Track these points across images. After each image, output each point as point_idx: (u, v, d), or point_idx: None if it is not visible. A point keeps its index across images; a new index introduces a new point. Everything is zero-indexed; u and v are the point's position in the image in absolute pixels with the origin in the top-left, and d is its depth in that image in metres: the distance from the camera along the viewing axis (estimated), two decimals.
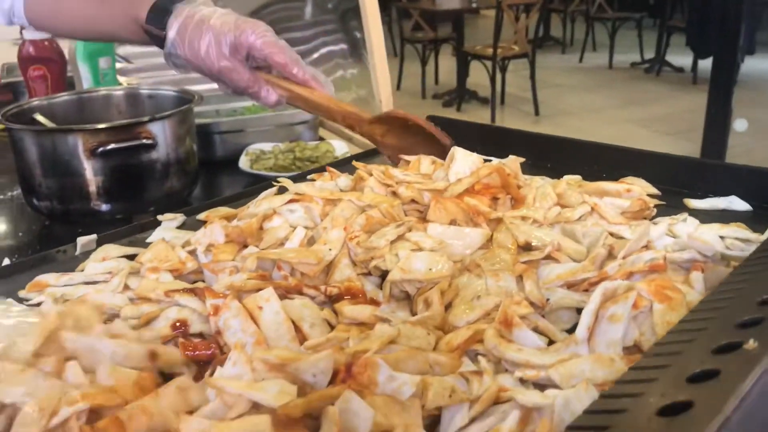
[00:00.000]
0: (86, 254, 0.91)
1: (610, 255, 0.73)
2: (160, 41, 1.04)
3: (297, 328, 0.62)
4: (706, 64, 6.77)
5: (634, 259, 0.69)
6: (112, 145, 1.19)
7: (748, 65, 5.33)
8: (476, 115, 6.45)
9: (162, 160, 1.26)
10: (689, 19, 8.05)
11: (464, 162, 0.91)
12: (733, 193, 0.96)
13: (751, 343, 0.43)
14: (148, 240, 0.94)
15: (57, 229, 1.29)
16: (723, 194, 0.97)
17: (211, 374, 0.58)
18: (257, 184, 1.13)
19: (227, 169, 1.54)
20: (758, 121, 4.74)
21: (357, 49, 1.97)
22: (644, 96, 6.94)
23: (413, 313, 0.69)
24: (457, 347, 0.61)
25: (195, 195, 1.40)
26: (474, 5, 7.42)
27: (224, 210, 0.98)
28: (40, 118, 1.36)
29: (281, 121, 1.68)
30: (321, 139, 1.76)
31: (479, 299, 0.66)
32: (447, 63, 7.72)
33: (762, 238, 0.78)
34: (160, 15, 1.03)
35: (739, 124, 4.24)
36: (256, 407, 0.51)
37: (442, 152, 1.01)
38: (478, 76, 6.79)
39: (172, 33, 1.02)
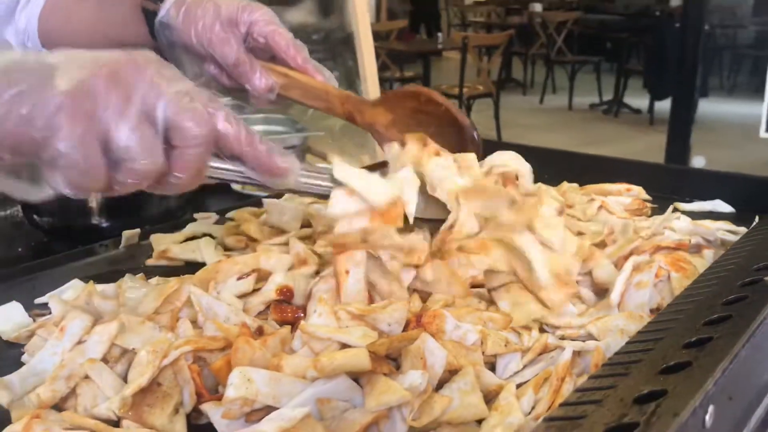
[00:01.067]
0: (130, 248, 0.98)
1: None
2: (154, 19, 0.96)
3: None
4: (662, 105, 7.07)
5: (659, 239, 0.79)
6: None
7: (703, 107, 5.58)
8: None
9: None
10: (646, 63, 8.40)
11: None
12: (718, 197, 1.07)
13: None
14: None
15: (56, 245, 1.27)
16: (708, 198, 1.08)
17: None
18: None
19: (216, 191, 1.49)
20: (714, 160, 4.96)
21: (349, 77, 2.06)
22: (603, 136, 7.17)
23: None
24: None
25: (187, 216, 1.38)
26: (439, 47, 7.64)
27: (250, 210, 1.05)
28: None
29: None
30: (307, 163, 1.83)
31: None
32: None
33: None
34: None
35: (696, 161, 4.44)
36: None
37: (459, 142, 0.93)
38: None
39: (168, 3, 0.95)
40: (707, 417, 0.38)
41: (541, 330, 0.68)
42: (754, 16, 8.82)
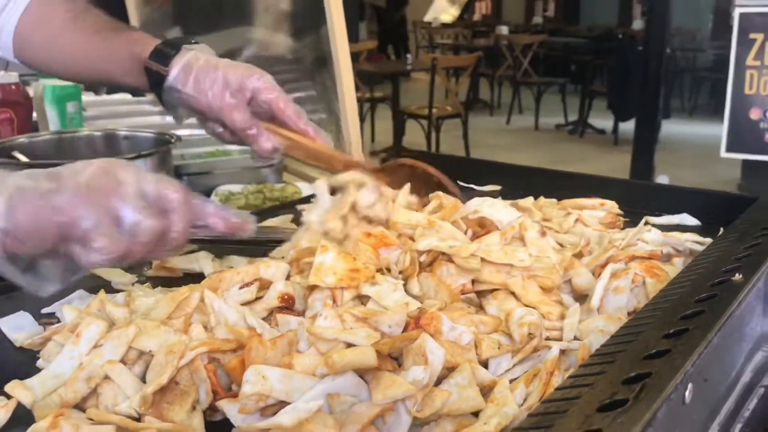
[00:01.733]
0: None
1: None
2: (158, 78, 1.05)
3: None
4: (625, 126, 7.25)
5: (633, 249, 0.85)
6: None
7: (666, 128, 5.75)
8: None
9: None
10: (609, 85, 8.60)
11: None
12: (684, 212, 1.14)
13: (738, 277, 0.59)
14: None
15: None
16: (676, 213, 1.15)
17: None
18: None
19: None
20: (678, 179, 5.10)
21: (326, 96, 2.11)
22: (569, 156, 7.32)
23: None
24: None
25: None
26: (409, 68, 7.76)
27: None
28: (19, 156, 1.38)
29: (248, 164, 1.77)
30: (284, 182, 1.87)
31: None
32: (382, 123, 7.99)
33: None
34: (165, 53, 1.05)
35: (661, 180, 4.57)
36: None
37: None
38: (413, 135, 7.06)
39: (176, 69, 1.03)
40: (687, 393, 0.44)
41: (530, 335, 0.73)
42: (712, 40, 9.11)
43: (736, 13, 3.71)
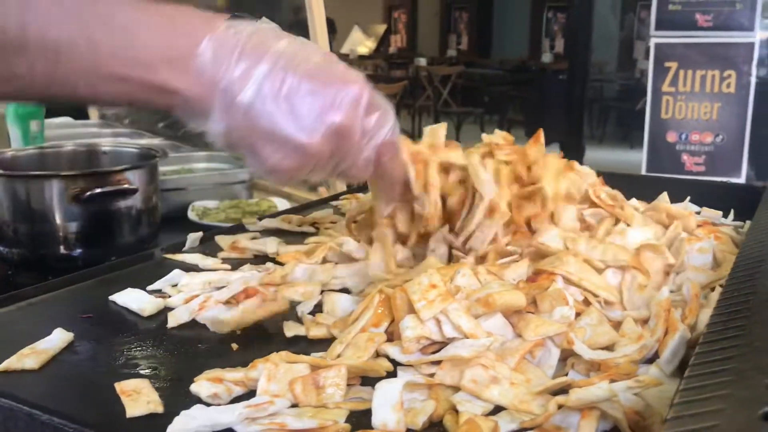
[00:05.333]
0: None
1: None
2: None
3: None
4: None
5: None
6: (98, 190, 1.26)
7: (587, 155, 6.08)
8: None
9: (137, 207, 1.34)
10: (526, 114, 8.97)
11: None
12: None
13: None
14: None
15: (22, 277, 1.30)
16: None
17: None
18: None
19: (172, 223, 1.57)
20: None
21: None
22: None
23: None
24: None
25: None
26: None
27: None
28: None
29: (221, 180, 1.83)
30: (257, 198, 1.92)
31: None
32: None
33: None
34: None
35: None
36: None
37: None
38: None
39: None
40: None
41: None
42: (618, 71, 9.64)
43: (652, 43, 3.99)
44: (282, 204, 1.77)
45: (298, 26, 2.13)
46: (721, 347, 0.48)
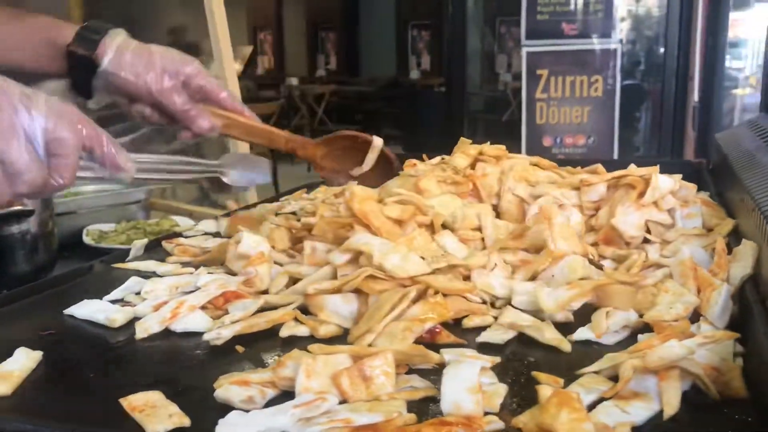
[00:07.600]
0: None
1: None
2: (83, 63, 1.04)
3: None
4: None
5: None
6: None
7: None
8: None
9: (32, 232, 1.26)
10: (401, 130, 9.08)
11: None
12: None
13: None
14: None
15: None
16: None
17: None
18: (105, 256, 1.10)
19: (66, 250, 1.50)
20: None
21: None
22: None
23: None
24: None
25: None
26: None
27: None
28: None
29: (114, 201, 1.75)
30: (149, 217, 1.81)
31: None
32: None
33: None
34: (89, 38, 1.04)
35: None
36: None
37: (385, 172, 1.16)
38: None
39: (111, 53, 1.03)
40: None
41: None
42: (481, 84, 9.95)
43: (524, 52, 4.15)
44: (184, 222, 1.68)
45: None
46: None
